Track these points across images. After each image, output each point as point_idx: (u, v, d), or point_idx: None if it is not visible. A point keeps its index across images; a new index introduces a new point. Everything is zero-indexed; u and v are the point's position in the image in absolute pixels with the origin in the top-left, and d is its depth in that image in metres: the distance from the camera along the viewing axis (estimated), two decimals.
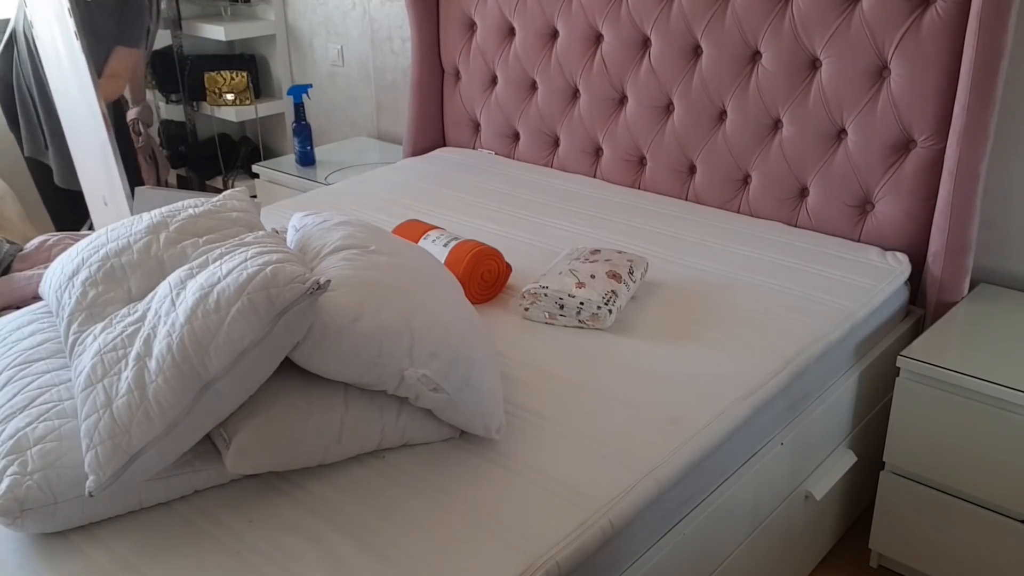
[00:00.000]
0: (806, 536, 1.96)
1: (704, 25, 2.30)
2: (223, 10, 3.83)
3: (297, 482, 1.35)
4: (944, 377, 1.79)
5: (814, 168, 2.22)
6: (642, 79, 2.47)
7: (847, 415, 1.95)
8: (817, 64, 2.15)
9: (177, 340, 1.25)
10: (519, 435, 1.46)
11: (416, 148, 3.04)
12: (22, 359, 1.51)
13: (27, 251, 2.33)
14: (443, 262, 1.87)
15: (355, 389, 1.37)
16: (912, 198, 2.08)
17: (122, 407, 1.23)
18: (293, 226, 1.69)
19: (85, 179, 3.00)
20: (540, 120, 2.75)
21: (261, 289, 1.25)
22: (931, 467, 1.88)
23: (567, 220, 2.34)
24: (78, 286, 1.52)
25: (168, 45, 3.89)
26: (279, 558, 1.21)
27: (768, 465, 1.67)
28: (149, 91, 3.90)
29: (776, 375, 1.65)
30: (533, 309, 1.82)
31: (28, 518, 1.21)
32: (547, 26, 2.65)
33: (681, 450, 1.44)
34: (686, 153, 2.45)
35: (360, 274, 1.41)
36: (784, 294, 1.92)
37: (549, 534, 1.25)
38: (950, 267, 2.02)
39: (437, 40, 2.96)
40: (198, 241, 1.55)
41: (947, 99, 1.97)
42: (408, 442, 1.42)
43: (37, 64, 2.99)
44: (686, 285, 1.97)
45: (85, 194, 3.03)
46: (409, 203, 2.50)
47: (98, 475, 1.19)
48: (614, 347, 1.72)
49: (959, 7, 1.91)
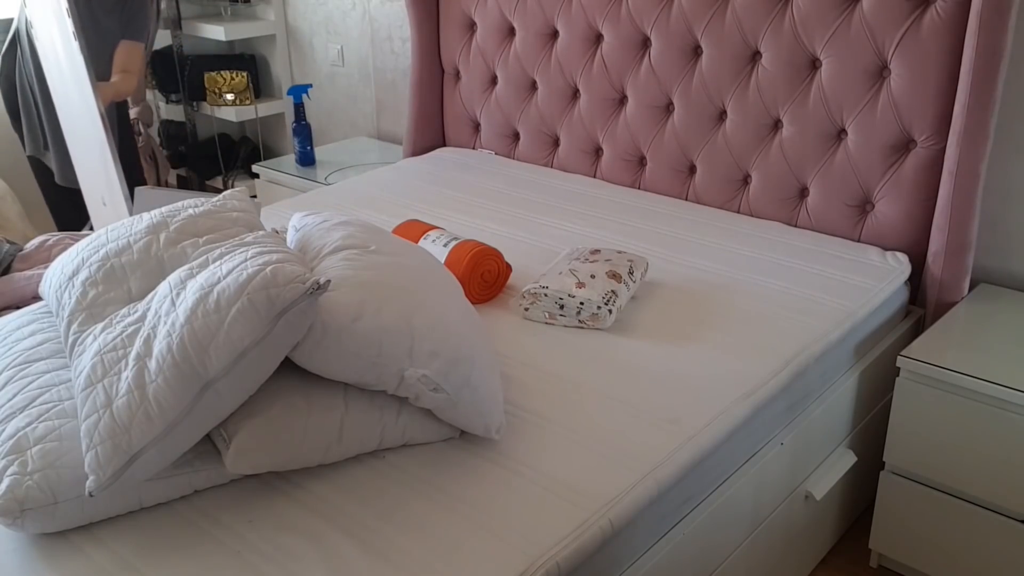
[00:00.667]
0: (806, 536, 1.96)
1: (704, 25, 2.30)
2: (223, 10, 3.83)
3: (297, 482, 1.35)
4: (944, 377, 1.79)
5: (814, 168, 2.22)
6: (642, 79, 2.47)
7: (847, 415, 1.95)
8: (817, 64, 2.15)
9: (177, 340, 1.25)
10: (519, 435, 1.46)
11: (416, 148, 3.04)
12: (22, 359, 1.51)
13: (27, 251, 2.33)
14: (443, 262, 1.87)
15: (355, 389, 1.37)
16: (912, 198, 2.08)
17: (122, 407, 1.23)
18: (293, 226, 1.69)
19: (84, 179, 3.00)
20: (540, 120, 2.75)
21: (261, 289, 1.25)
22: (931, 467, 1.88)
23: (567, 220, 2.34)
24: (78, 286, 1.52)
25: (168, 45, 3.89)
26: (279, 558, 1.21)
27: (768, 465, 1.67)
28: (149, 91, 3.90)
29: (776, 375, 1.65)
30: (533, 309, 1.82)
31: (28, 518, 1.21)
32: (547, 26, 2.65)
33: (681, 450, 1.44)
34: (686, 153, 2.45)
35: (360, 274, 1.41)
36: (784, 294, 1.92)
37: (549, 534, 1.25)
38: (950, 267, 2.02)
39: (437, 40, 2.96)
40: (198, 241, 1.55)
41: (947, 99, 1.97)
42: (408, 442, 1.42)
43: (39, 63, 2.99)
44: (686, 285, 1.97)
45: (84, 194, 3.03)
46: (409, 203, 2.50)
47: (98, 475, 1.19)
48: (614, 347, 1.72)
49: (959, 7, 1.91)
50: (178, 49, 3.88)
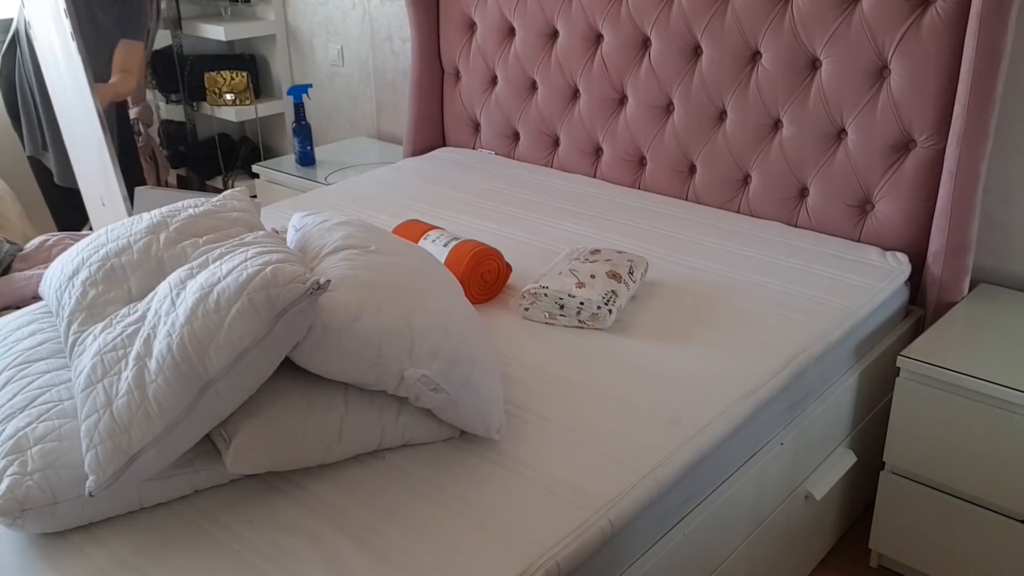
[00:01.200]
0: (806, 536, 1.96)
1: (704, 25, 2.30)
2: (223, 10, 3.83)
3: (297, 482, 1.35)
4: (944, 377, 1.79)
5: (814, 168, 2.22)
6: (642, 79, 2.47)
7: (847, 415, 1.95)
8: (817, 64, 2.15)
9: (177, 340, 1.25)
10: (519, 435, 1.46)
11: (416, 148, 3.04)
12: (22, 359, 1.51)
13: (27, 251, 2.33)
14: (443, 262, 1.87)
15: (355, 389, 1.37)
16: (912, 198, 2.08)
17: (122, 407, 1.23)
18: (293, 226, 1.69)
19: (83, 179, 3.00)
20: (540, 120, 2.75)
21: (261, 289, 1.25)
22: (931, 467, 1.88)
23: (567, 220, 2.34)
24: (78, 286, 1.52)
25: (168, 45, 3.89)
26: (279, 558, 1.21)
27: (768, 465, 1.67)
28: (149, 91, 3.90)
29: (776, 375, 1.65)
30: (533, 309, 1.82)
31: (28, 518, 1.21)
32: (547, 26, 2.65)
33: (681, 450, 1.44)
34: (686, 153, 2.45)
35: (360, 274, 1.41)
36: (784, 294, 1.92)
37: (549, 534, 1.25)
38: (950, 267, 2.02)
39: (437, 40, 2.96)
40: (198, 241, 1.55)
41: (947, 99, 1.97)
42: (408, 442, 1.42)
43: (38, 64, 2.99)
44: (686, 285, 1.97)
45: (83, 195, 3.03)
46: (409, 203, 2.50)
47: (98, 475, 1.19)
48: (614, 347, 1.72)
49: (959, 7, 1.91)
50: (178, 49, 3.88)
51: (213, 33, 3.67)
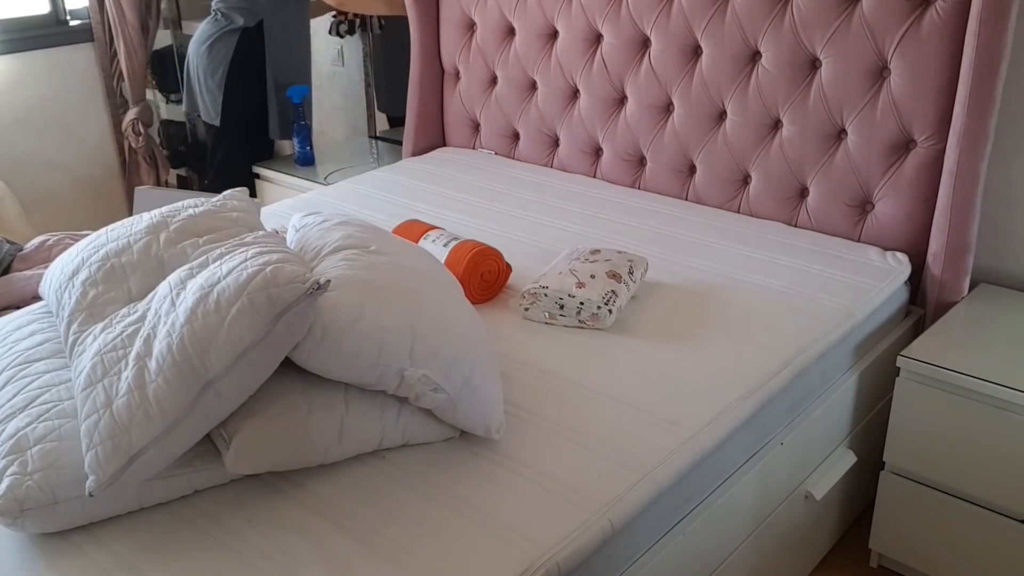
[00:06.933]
0: (806, 536, 1.96)
1: (704, 25, 2.30)
2: None
3: (297, 482, 1.35)
4: (944, 377, 1.79)
5: (814, 168, 2.22)
6: (642, 79, 2.47)
7: (847, 415, 1.95)
8: (817, 64, 2.15)
9: (177, 340, 1.25)
10: (519, 435, 1.46)
11: (416, 148, 3.04)
12: (22, 359, 1.51)
13: (27, 251, 2.33)
14: (443, 262, 1.87)
15: (355, 389, 1.37)
16: (912, 198, 2.08)
17: (122, 407, 1.23)
18: (293, 226, 1.69)
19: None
20: (540, 120, 2.75)
21: (261, 289, 1.25)
22: (931, 467, 1.88)
23: (567, 220, 2.34)
24: (78, 286, 1.52)
25: (168, 45, 3.89)
26: (279, 558, 1.21)
27: (768, 465, 1.67)
28: (149, 91, 3.91)
29: (776, 375, 1.65)
30: (533, 309, 1.82)
31: (28, 518, 1.21)
32: (547, 26, 2.65)
33: (681, 450, 1.44)
34: (686, 153, 2.45)
35: (360, 274, 1.41)
36: (784, 294, 1.92)
37: (549, 534, 1.25)
38: (950, 267, 2.02)
39: (437, 40, 2.96)
40: (198, 241, 1.55)
41: (947, 99, 1.97)
42: (408, 442, 1.42)
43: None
44: (686, 285, 1.97)
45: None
46: (409, 203, 2.50)
47: (98, 475, 1.19)
48: (614, 347, 1.72)
49: (959, 7, 1.91)
50: (178, 49, 3.88)
51: None
